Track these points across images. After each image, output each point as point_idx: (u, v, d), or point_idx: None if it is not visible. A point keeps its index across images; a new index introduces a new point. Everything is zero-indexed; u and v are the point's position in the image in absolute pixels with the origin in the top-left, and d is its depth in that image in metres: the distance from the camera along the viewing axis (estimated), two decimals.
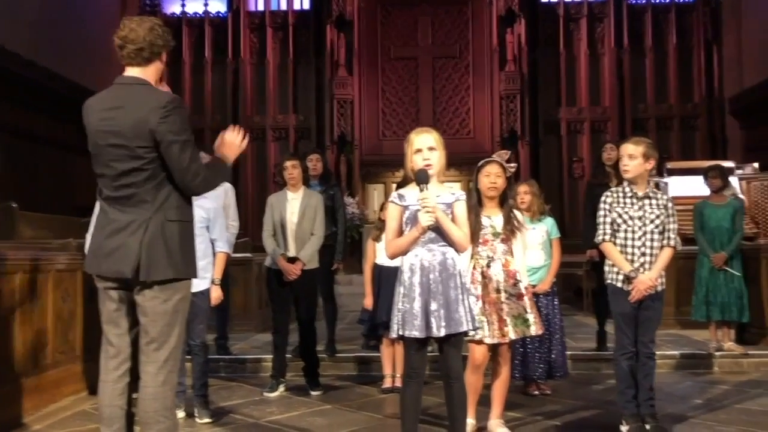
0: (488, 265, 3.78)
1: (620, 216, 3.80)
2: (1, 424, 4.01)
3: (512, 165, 3.96)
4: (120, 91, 2.78)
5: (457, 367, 3.03)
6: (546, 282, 4.91)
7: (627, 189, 3.83)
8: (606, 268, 3.88)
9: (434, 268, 3.00)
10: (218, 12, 13.95)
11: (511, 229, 3.84)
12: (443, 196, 3.07)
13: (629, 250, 3.77)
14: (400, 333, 2.99)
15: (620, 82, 13.58)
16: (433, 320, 2.95)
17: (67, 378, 4.87)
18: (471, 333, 3.07)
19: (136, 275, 2.66)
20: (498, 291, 3.75)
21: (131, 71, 2.81)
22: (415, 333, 2.94)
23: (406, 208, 3.06)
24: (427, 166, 3.02)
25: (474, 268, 3.80)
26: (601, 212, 3.88)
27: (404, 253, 3.05)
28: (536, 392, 4.88)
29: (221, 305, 6.05)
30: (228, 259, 5.88)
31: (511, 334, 3.72)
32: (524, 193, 5.01)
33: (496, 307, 3.72)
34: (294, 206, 4.90)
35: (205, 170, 2.77)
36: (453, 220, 3.04)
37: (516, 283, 3.79)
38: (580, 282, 9.64)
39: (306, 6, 13.96)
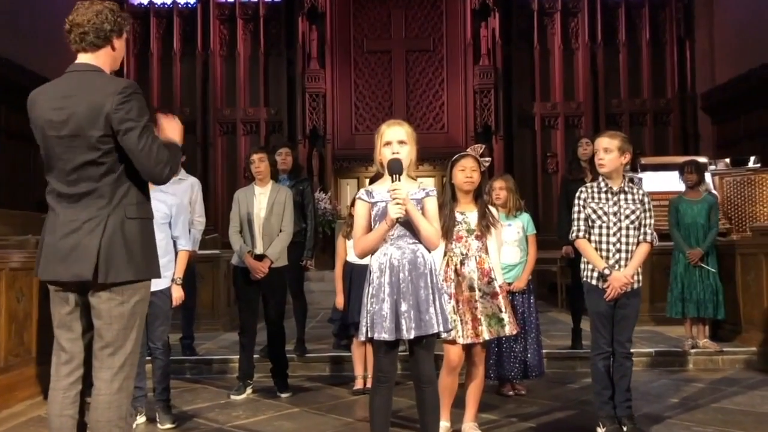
0: (462, 263, 3.65)
1: (595, 212, 3.70)
2: None
3: (486, 159, 3.83)
4: (72, 80, 2.60)
5: (429, 371, 2.89)
6: (522, 279, 4.80)
7: (602, 184, 3.73)
8: (581, 266, 3.77)
9: (404, 266, 2.85)
10: (187, 2, 13.61)
11: (486, 225, 3.71)
12: (413, 192, 2.92)
13: (604, 246, 3.67)
14: (369, 335, 2.84)
15: (594, 77, 13.54)
16: (403, 322, 2.80)
17: (21, 382, 4.64)
18: (444, 335, 2.93)
19: (95, 277, 2.48)
20: (472, 289, 3.62)
21: (82, 58, 2.64)
22: (385, 335, 2.79)
23: (374, 204, 2.91)
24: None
25: (447, 265, 3.67)
26: (576, 208, 3.78)
27: (373, 250, 2.90)
28: (511, 393, 4.77)
29: (186, 304, 5.85)
30: (193, 256, 5.72)
31: (485, 334, 3.59)
32: (500, 188, 4.89)
33: (469, 306, 3.60)
34: (262, 201, 4.71)
35: (166, 154, 2.59)
36: (424, 216, 2.89)
37: (490, 282, 3.66)
38: (554, 278, 9.59)
39: None
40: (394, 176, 2.80)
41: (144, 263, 2.58)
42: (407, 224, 2.86)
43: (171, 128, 2.75)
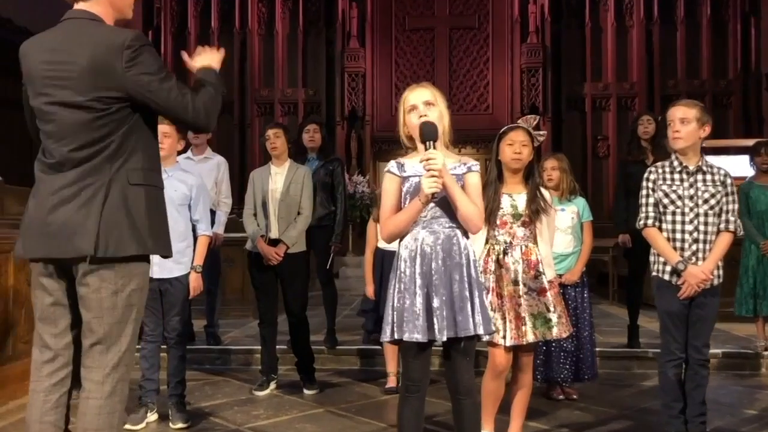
0: (505, 252, 3.15)
1: (667, 195, 3.16)
2: None
3: (541, 132, 3.33)
4: (68, 29, 2.20)
5: (468, 381, 2.43)
6: (575, 271, 4.30)
7: (675, 162, 3.19)
8: (651, 258, 3.25)
9: (437, 254, 2.39)
10: None
11: (535, 210, 3.20)
12: (453, 167, 2.46)
13: (678, 236, 3.13)
14: (397, 336, 2.39)
15: (649, 57, 12.77)
16: (435, 320, 2.35)
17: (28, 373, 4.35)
18: (485, 337, 2.46)
19: (96, 252, 2.09)
20: (516, 283, 3.12)
21: (79, 5, 2.23)
22: (417, 336, 2.34)
23: (405, 179, 2.46)
24: None
25: (488, 255, 3.18)
26: (644, 191, 3.24)
27: (402, 234, 2.45)
28: (561, 396, 4.29)
29: (210, 290, 5.55)
30: (218, 239, 5.37)
31: (529, 336, 3.08)
32: (552, 168, 4.38)
33: (512, 303, 3.10)
34: (278, 181, 4.30)
35: (202, 100, 2.21)
36: (464, 192, 2.43)
37: (538, 276, 3.15)
38: (605, 268, 9.00)
39: None
40: (427, 143, 2.34)
41: (150, 236, 2.19)
42: (444, 203, 2.40)
43: (205, 56, 2.34)
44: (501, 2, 12.86)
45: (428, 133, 2.34)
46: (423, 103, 2.47)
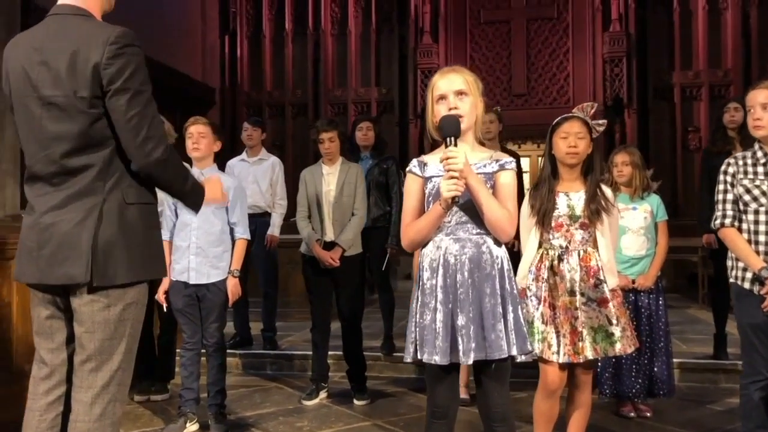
0: (560, 258, 2.82)
1: (748, 191, 2.75)
2: (2, 424, 3.50)
3: (600, 122, 2.98)
4: (52, 26, 2.06)
5: (501, 407, 2.14)
6: (649, 276, 3.89)
7: (759, 153, 2.77)
8: (729, 263, 2.85)
9: (463, 265, 2.11)
10: None
11: (595, 211, 2.85)
12: (482, 164, 2.17)
13: (762, 238, 2.72)
14: (419, 356, 2.13)
15: (746, 41, 11.82)
16: (459, 340, 2.07)
17: None
18: (521, 358, 2.15)
19: (91, 279, 1.96)
20: (572, 293, 2.78)
21: None
22: (436, 358, 2.08)
23: (428, 179, 2.19)
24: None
25: (541, 261, 2.86)
26: (721, 186, 2.84)
27: (424, 241, 2.18)
28: (632, 414, 3.89)
29: (267, 293, 5.45)
30: (274, 242, 5.26)
31: (588, 352, 2.74)
32: (623, 163, 3.99)
33: (569, 315, 2.77)
34: (330, 182, 4.11)
35: (166, 145, 2.03)
36: (495, 194, 2.14)
37: (598, 284, 2.80)
38: (695, 269, 8.35)
39: None
40: (448, 140, 2.07)
41: (146, 261, 2.05)
42: (471, 207, 2.12)
43: (213, 186, 2.33)
44: None
45: (448, 129, 2.07)
46: (454, 93, 2.20)
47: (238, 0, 13.33)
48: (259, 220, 5.23)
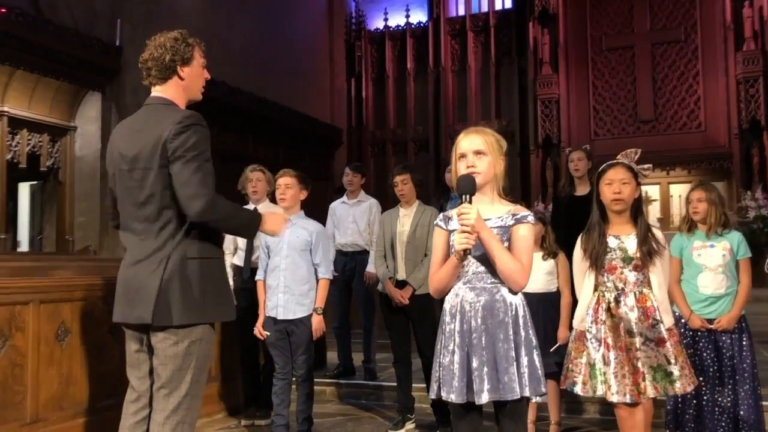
0: (617, 300, 2.92)
1: None
2: None
3: (646, 167, 3.05)
4: (143, 113, 2.59)
5: None
6: (732, 317, 3.76)
7: None
8: None
9: (476, 312, 2.30)
10: (419, 22, 13.85)
11: (648, 252, 2.93)
12: (499, 218, 2.36)
13: None
14: (440, 394, 2.34)
15: None
16: (474, 381, 2.27)
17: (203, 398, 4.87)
18: (535, 399, 2.30)
19: (152, 321, 2.43)
20: (631, 334, 2.87)
21: (154, 91, 2.60)
22: (452, 397, 2.29)
23: (452, 232, 2.41)
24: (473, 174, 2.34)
25: (598, 303, 2.97)
26: None
27: (446, 290, 2.40)
28: None
29: (366, 327, 5.77)
30: (371, 279, 5.57)
31: (649, 391, 2.81)
32: (698, 200, 3.92)
33: (629, 356, 2.86)
34: (405, 224, 4.37)
35: (209, 198, 2.44)
36: (510, 247, 2.32)
37: (655, 324, 2.87)
38: None
39: (508, 5, 13.27)
40: (464, 197, 2.28)
41: (204, 305, 2.46)
42: (486, 259, 2.31)
43: (273, 220, 2.71)
44: (710, 10, 11.78)
45: (464, 187, 2.29)
46: (473, 153, 2.40)
47: (363, 44, 14.07)
48: (358, 258, 5.59)
